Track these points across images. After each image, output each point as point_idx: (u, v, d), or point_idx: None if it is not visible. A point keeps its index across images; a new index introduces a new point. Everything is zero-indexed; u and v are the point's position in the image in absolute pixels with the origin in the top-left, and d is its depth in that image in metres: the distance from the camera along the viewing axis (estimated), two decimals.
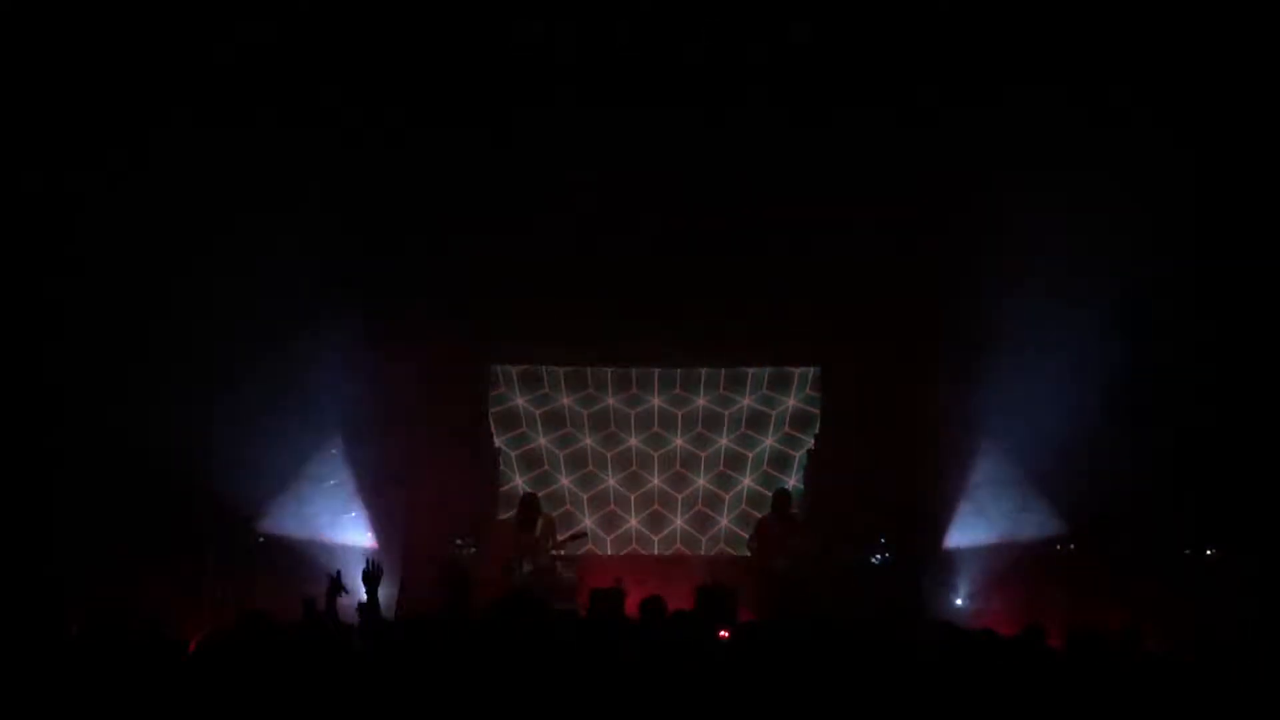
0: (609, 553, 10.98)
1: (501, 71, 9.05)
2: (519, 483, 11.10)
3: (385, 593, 5.62)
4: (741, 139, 9.67)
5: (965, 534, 10.89)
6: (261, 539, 10.55)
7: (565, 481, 11.08)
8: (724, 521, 11.08)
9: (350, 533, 10.87)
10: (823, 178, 10.18)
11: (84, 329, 9.29)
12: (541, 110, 9.31)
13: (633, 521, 11.07)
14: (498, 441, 11.39)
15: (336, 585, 5.80)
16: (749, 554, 10.38)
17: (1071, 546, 10.54)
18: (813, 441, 11.46)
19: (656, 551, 11.12)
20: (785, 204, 10.51)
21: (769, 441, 11.21)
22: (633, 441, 11.16)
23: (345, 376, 10.59)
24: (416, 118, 9.56)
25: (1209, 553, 10.17)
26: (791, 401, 11.33)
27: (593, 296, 10.81)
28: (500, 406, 11.27)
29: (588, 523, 11.10)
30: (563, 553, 9.92)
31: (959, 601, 10.78)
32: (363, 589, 5.54)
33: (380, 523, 10.97)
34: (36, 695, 4.16)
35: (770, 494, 10.77)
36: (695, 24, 8.79)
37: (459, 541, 10.63)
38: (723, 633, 6.52)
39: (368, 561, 5.66)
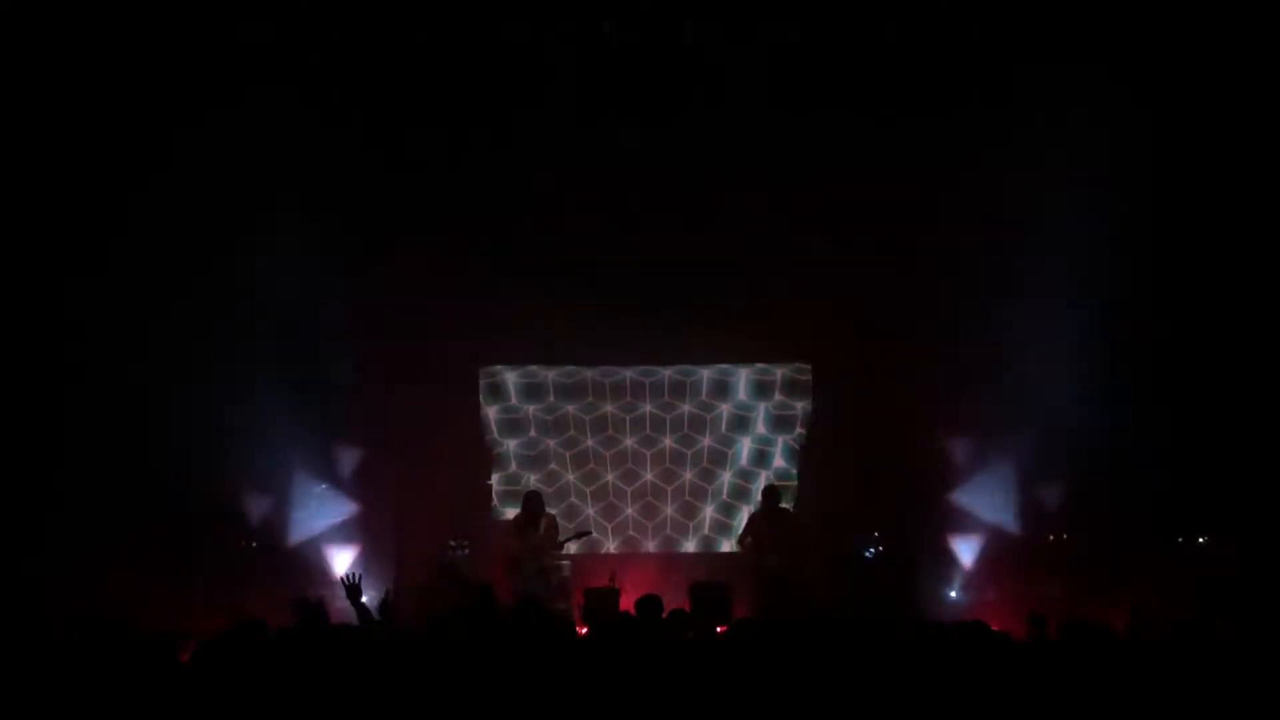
0: (608, 538, 11.74)
1: (498, 75, 9.06)
2: (531, 480, 11.66)
3: (372, 596, 5.57)
4: (739, 139, 9.67)
5: (959, 526, 10.90)
6: (254, 544, 10.52)
7: (570, 478, 11.86)
8: (708, 511, 11.93)
9: (342, 538, 10.86)
10: (816, 177, 10.20)
11: (81, 333, 9.26)
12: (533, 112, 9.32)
13: (629, 512, 11.87)
14: (494, 445, 11.69)
15: (355, 588, 5.71)
16: (740, 549, 10.41)
17: (1065, 536, 10.56)
18: (801, 436, 11.61)
19: (650, 536, 11.83)
20: (773, 204, 10.54)
21: (747, 441, 11.99)
22: (628, 442, 11.96)
23: (341, 378, 10.62)
24: (415, 119, 9.57)
25: (1201, 540, 10.20)
26: (767, 406, 11.97)
27: (584, 298, 10.87)
28: (513, 414, 11.93)
29: (590, 513, 11.53)
30: (568, 551, 10.02)
31: (953, 594, 10.79)
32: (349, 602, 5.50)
33: (374, 525, 10.97)
34: (29, 701, 4.14)
35: (747, 487, 11.60)
36: (682, 23, 8.80)
37: (453, 544, 10.64)
38: (719, 628, 6.50)
39: (345, 576, 5.61)
